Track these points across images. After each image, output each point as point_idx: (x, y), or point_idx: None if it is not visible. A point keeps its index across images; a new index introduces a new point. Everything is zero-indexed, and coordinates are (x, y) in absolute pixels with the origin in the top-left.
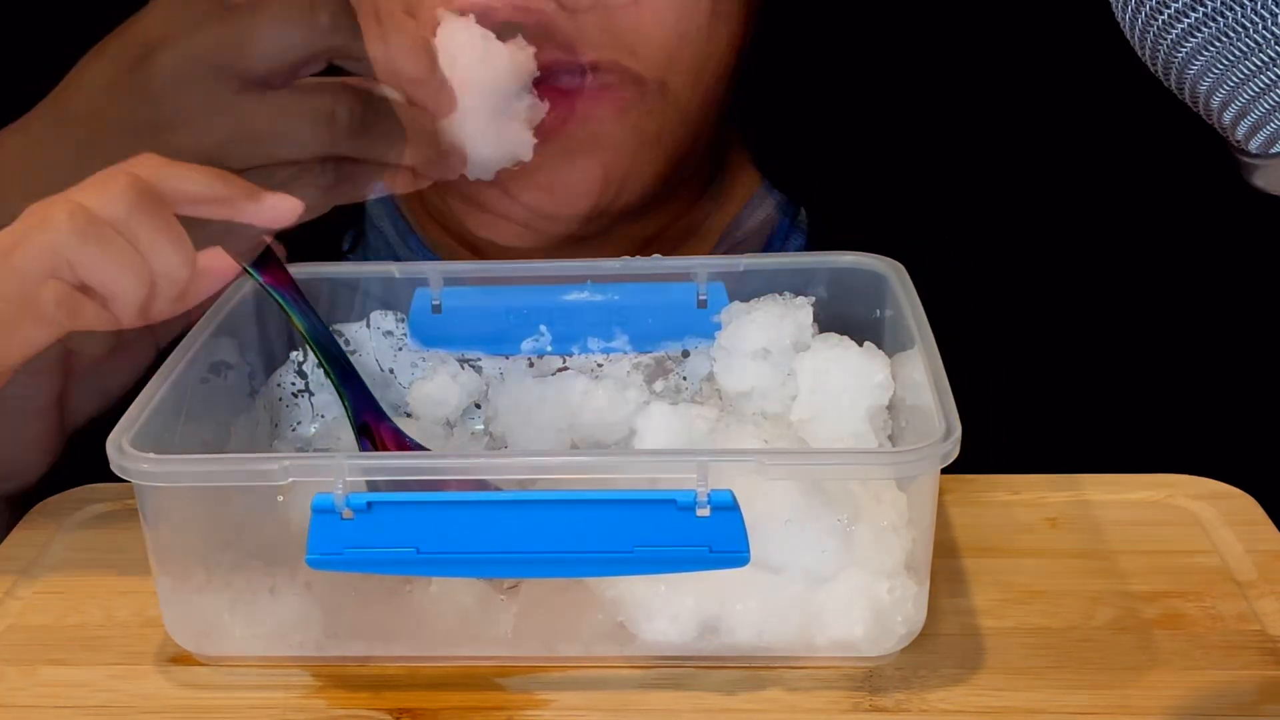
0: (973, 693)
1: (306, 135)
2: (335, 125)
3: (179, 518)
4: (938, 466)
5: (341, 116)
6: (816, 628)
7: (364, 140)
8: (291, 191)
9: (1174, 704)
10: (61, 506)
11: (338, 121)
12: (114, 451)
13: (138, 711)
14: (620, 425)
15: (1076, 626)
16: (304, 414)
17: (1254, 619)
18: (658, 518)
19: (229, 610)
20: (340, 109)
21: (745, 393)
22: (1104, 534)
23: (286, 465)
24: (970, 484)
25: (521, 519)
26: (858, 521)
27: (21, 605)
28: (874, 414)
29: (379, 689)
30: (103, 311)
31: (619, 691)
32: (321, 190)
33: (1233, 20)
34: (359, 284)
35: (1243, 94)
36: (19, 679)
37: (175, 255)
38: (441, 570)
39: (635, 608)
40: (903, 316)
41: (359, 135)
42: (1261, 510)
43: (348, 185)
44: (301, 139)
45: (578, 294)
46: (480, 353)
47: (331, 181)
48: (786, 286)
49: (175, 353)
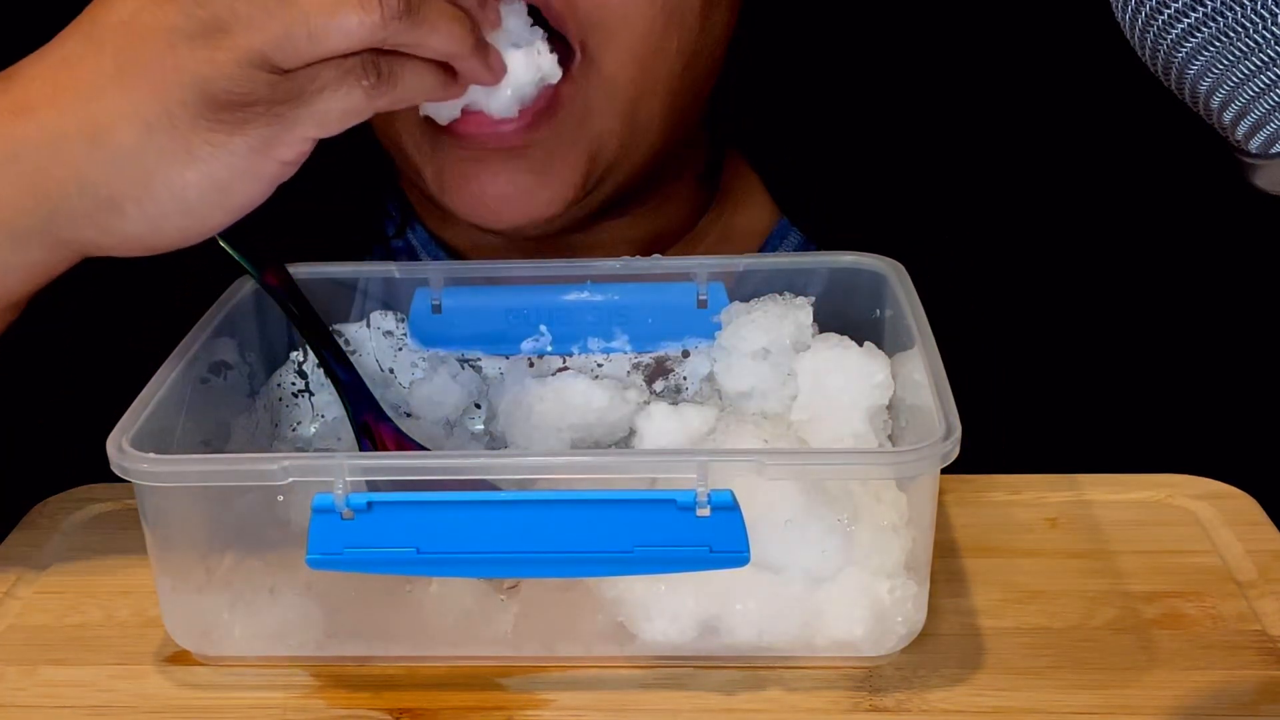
0: (973, 693)
1: (354, 22)
2: (385, 9)
3: (179, 518)
4: (938, 466)
5: (390, 1)
6: (816, 628)
7: (410, 28)
8: (337, 90)
9: (1174, 704)
10: (61, 506)
11: (386, 4)
12: (114, 451)
13: (137, 711)
14: (620, 425)
15: (1076, 626)
16: (304, 414)
17: (1254, 619)
18: (658, 518)
19: (229, 610)
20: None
21: (745, 393)
22: (1104, 534)
23: (286, 465)
24: (970, 484)
25: (521, 519)
26: (858, 521)
27: (21, 605)
28: (874, 414)
29: (379, 689)
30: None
31: (619, 691)
32: (365, 91)
33: (1233, 20)
34: (359, 284)
35: (1243, 94)
36: (19, 679)
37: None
38: (441, 570)
39: (635, 608)
40: (903, 316)
41: (405, 22)
42: (1261, 510)
43: (388, 85)
44: (349, 26)
45: (578, 294)
46: (480, 353)
47: (375, 80)
48: (786, 286)
49: (175, 353)
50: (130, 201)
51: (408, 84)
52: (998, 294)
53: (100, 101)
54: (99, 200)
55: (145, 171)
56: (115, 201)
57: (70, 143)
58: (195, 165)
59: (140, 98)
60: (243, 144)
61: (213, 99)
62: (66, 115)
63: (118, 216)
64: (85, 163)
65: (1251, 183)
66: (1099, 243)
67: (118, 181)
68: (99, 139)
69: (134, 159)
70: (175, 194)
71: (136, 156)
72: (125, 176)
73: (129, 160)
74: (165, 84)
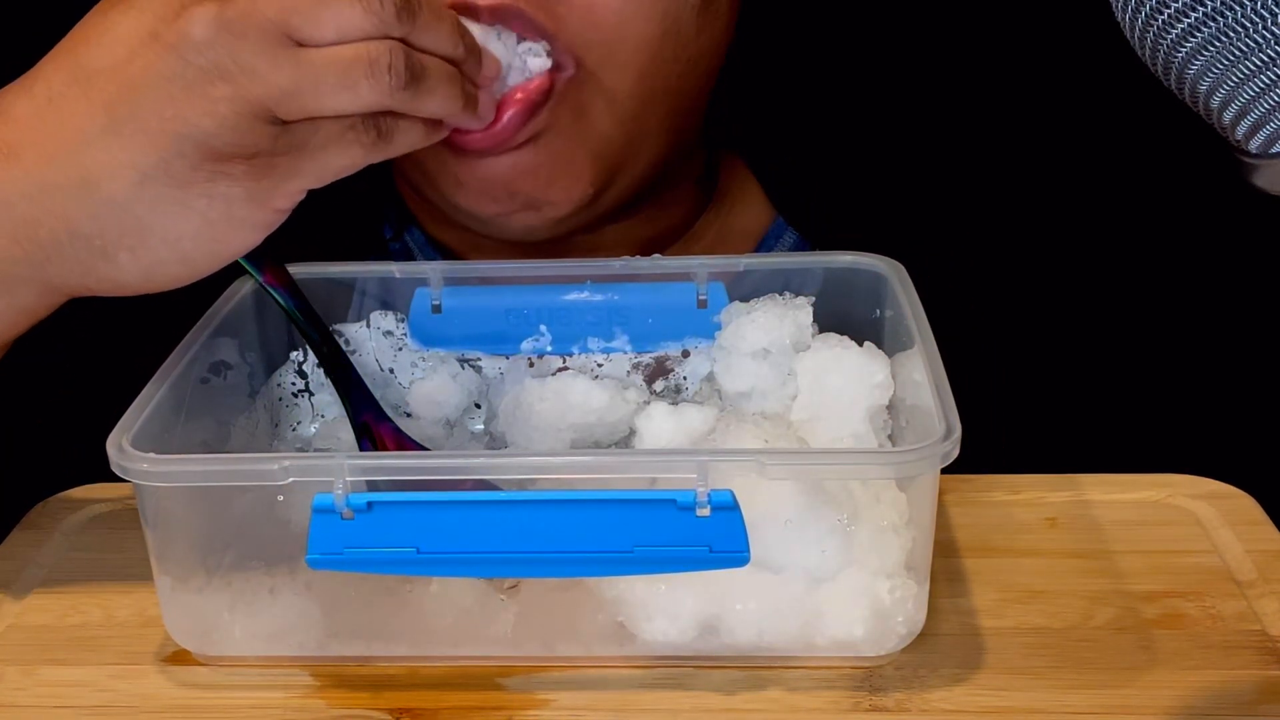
0: (973, 693)
1: (364, 88)
2: (393, 78)
3: (179, 518)
4: (938, 466)
5: (398, 69)
6: (816, 628)
7: (413, 97)
8: (338, 146)
9: (1174, 704)
10: (61, 506)
11: (394, 74)
12: (114, 451)
13: (137, 711)
14: (620, 425)
15: (1076, 626)
16: (304, 414)
17: (1254, 619)
18: (658, 518)
19: (229, 610)
20: (396, 61)
21: (745, 393)
22: (1104, 534)
23: (286, 465)
24: (970, 484)
25: (521, 519)
26: (858, 521)
27: (21, 605)
28: (874, 414)
29: (379, 689)
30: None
31: (619, 691)
32: (364, 148)
33: (1232, 20)
34: (359, 284)
35: (1243, 94)
36: (19, 679)
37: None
38: (441, 570)
39: (635, 608)
40: (903, 316)
41: (410, 91)
42: (1261, 510)
43: (385, 142)
44: (359, 91)
45: (578, 294)
46: (480, 353)
47: (374, 138)
48: (786, 286)
49: (175, 353)
50: (124, 251)
51: (400, 140)
52: (997, 294)
53: (92, 152)
54: (92, 249)
55: (139, 222)
56: (108, 251)
57: (62, 193)
58: (191, 215)
59: (136, 149)
60: (240, 194)
61: (212, 151)
62: (57, 165)
63: (111, 265)
64: (78, 214)
65: (1251, 183)
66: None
67: (111, 232)
68: (91, 190)
69: (128, 210)
70: (169, 243)
71: (130, 208)
72: (119, 227)
73: (123, 211)
74: (163, 136)
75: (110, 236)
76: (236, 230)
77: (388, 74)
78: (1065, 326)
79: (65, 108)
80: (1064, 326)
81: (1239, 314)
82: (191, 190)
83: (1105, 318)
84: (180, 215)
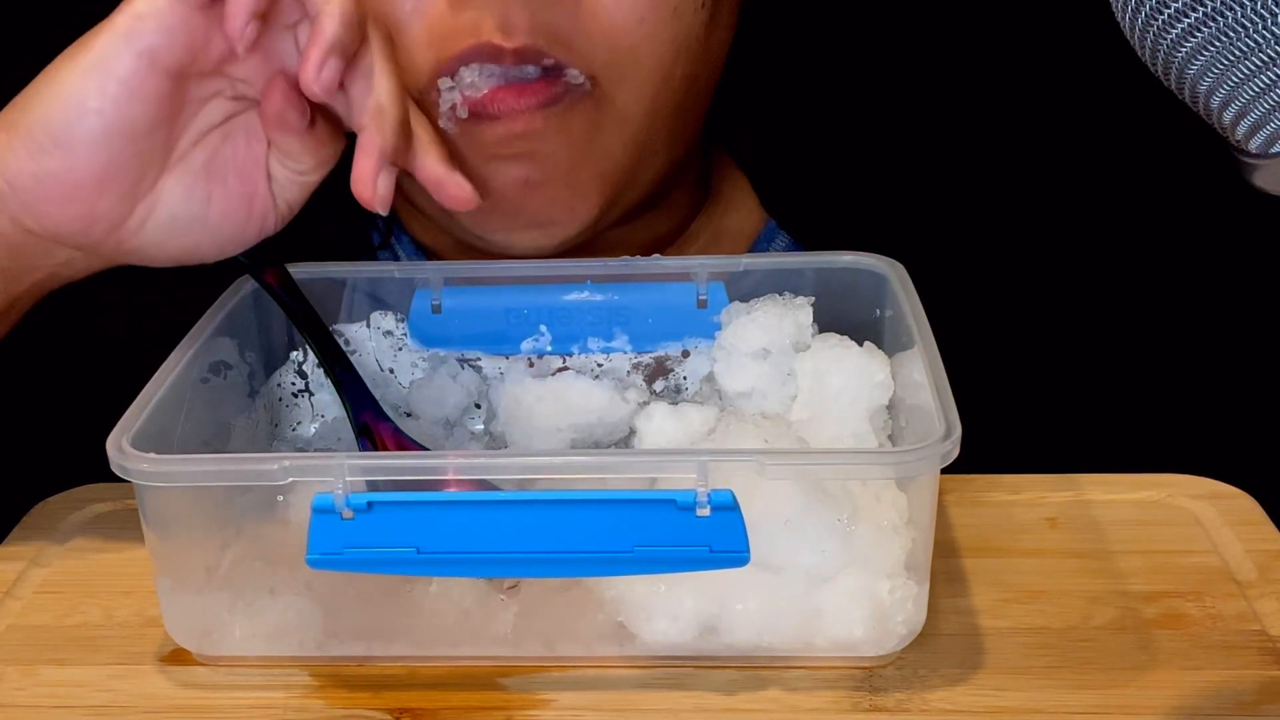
0: (973, 693)
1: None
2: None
3: (179, 518)
4: (938, 466)
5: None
6: (816, 628)
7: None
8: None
9: (1174, 704)
10: (61, 506)
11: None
12: (114, 451)
13: (137, 711)
14: (620, 425)
15: (1076, 626)
16: (304, 414)
17: (1254, 619)
18: (658, 518)
19: (229, 610)
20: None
21: (745, 393)
22: (1104, 534)
23: (286, 465)
24: (970, 484)
25: (521, 519)
26: (858, 521)
27: (21, 605)
28: (874, 414)
29: (379, 689)
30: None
31: (619, 691)
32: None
33: (1233, 20)
34: (359, 284)
35: (1243, 94)
36: (19, 679)
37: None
38: (441, 570)
39: (635, 608)
40: (903, 316)
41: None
42: (1261, 510)
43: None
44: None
45: (578, 294)
46: (480, 353)
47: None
48: (786, 286)
49: (175, 353)
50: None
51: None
52: (998, 294)
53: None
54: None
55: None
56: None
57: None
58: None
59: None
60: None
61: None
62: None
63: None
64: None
65: (1251, 183)
66: (1098, 242)
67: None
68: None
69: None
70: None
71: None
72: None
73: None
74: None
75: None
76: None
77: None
78: (1065, 327)
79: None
80: (1064, 327)
81: (1239, 314)
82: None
83: (1105, 318)
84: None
